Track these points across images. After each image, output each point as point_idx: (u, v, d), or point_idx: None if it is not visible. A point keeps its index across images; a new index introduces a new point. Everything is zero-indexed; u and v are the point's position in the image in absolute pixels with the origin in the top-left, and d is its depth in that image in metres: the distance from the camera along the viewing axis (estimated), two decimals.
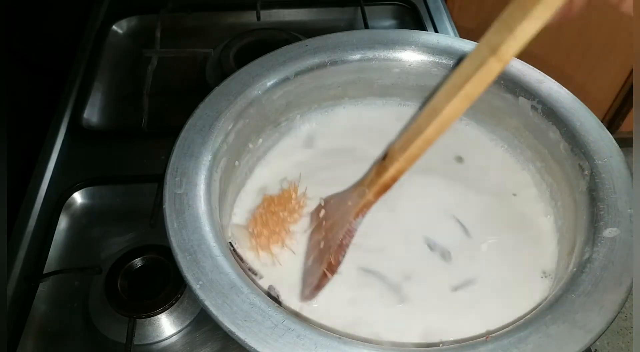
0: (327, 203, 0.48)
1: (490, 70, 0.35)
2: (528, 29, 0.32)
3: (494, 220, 0.49)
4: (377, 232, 0.47)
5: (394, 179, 0.42)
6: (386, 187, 0.43)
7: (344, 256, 0.43)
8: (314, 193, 0.49)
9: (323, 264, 0.43)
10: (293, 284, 0.44)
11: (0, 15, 0.57)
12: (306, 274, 0.45)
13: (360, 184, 0.45)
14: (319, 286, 0.43)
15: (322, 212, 0.48)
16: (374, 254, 0.46)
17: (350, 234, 0.44)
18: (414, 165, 0.41)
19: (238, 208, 0.49)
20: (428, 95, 0.54)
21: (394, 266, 0.45)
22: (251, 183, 0.51)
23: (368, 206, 0.44)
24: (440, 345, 0.39)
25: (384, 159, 0.42)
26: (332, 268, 0.43)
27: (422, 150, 0.40)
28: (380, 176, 0.42)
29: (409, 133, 0.40)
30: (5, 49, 0.57)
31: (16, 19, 0.64)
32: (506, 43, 0.33)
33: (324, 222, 0.47)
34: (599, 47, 1.23)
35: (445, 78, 0.39)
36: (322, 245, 0.45)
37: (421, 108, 0.40)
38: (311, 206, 0.49)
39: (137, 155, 0.62)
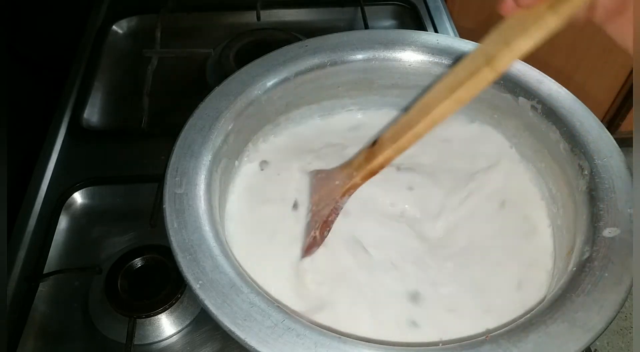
0: (316, 177, 0.50)
1: (484, 79, 0.36)
2: (524, 45, 0.33)
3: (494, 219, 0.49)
4: None
5: (381, 166, 0.45)
6: (373, 173, 0.46)
7: (328, 232, 0.46)
8: None
9: (310, 236, 0.46)
10: None
11: (0, 15, 0.57)
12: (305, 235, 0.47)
13: (349, 166, 0.48)
14: (308, 252, 0.45)
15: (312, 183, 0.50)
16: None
17: (336, 211, 0.46)
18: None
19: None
20: (421, 92, 0.54)
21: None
22: None
23: (354, 187, 0.47)
24: (440, 344, 0.39)
25: (374, 146, 0.45)
26: (317, 242, 0.45)
27: (410, 143, 0.42)
28: (369, 161, 0.45)
29: (400, 126, 0.42)
30: (5, 48, 0.57)
31: (16, 19, 0.64)
32: (501, 55, 0.34)
33: (312, 195, 0.49)
34: (599, 47, 1.23)
35: (439, 78, 0.40)
36: (309, 217, 0.47)
37: (413, 103, 0.42)
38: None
39: (137, 155, 0.62)
